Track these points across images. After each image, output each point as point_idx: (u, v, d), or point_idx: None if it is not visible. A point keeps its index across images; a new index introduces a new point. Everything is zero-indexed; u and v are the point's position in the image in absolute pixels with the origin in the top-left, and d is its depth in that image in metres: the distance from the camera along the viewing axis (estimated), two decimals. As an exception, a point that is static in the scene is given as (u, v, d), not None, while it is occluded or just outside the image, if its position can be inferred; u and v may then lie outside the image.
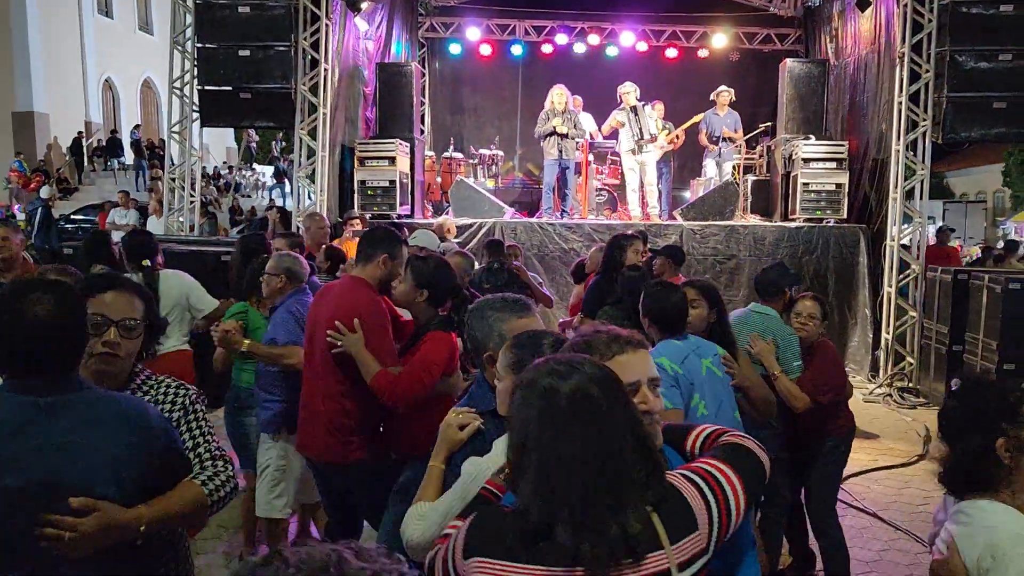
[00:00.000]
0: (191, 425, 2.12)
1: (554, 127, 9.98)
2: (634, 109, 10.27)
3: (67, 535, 1.70)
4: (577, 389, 1.48)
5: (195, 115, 9.51)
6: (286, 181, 25.86)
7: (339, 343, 3.22)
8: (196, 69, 9.30)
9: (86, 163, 24.83)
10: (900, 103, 8.73)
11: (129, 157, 24.79)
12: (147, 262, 4.73)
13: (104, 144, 25.31)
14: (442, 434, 2.17)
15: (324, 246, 6.17)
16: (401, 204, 10.04)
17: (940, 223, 28.11)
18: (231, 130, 30.42)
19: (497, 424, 2.09)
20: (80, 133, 24.47)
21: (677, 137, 11.28)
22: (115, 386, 2.07)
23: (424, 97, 13.57)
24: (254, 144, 27.23)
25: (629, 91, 10.33)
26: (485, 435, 2.12)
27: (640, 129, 10.24)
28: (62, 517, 1.70)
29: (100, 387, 1.93)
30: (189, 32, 9.44)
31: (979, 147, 30.77)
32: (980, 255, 19.83)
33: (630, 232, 5.69)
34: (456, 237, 8.98)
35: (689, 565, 1.49)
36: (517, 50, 13.90)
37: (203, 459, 2.07)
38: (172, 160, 10.10)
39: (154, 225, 11.54)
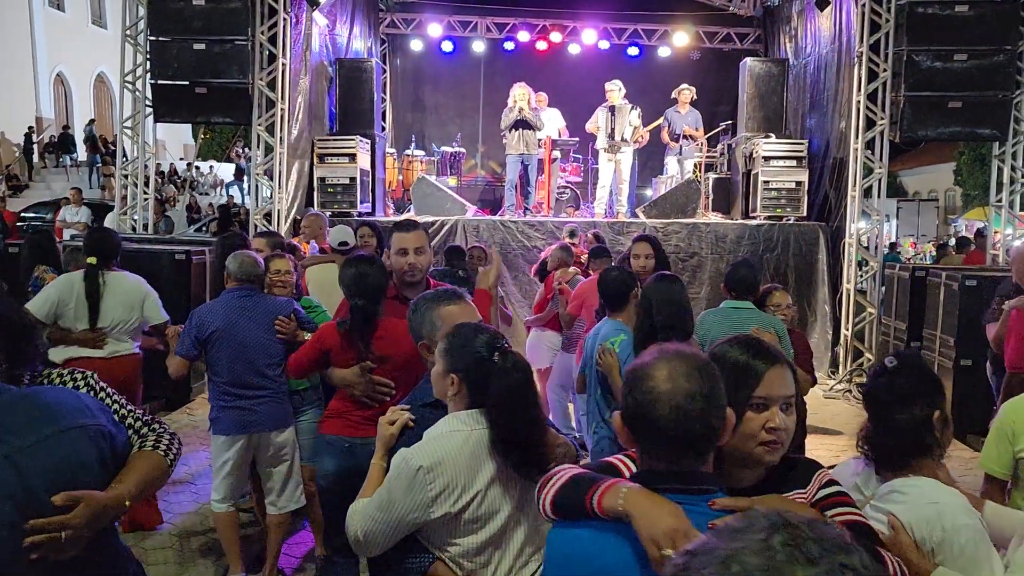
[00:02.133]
0: (107, 400, 2.06)
1: (519, 116, 10.00)
2: (612, 108, 10.27)
3: (63, 534, 1.66)
4: None
5: (148, 110, 9.27)
6: (244, 178, 25.52)
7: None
8: (149, 63, 9.06)
9: (36, 159, 24.15)
10: (858, 102, 8.82)
11: (82, 153, 24.18)
12: (93, 259, 4.56)
13: (56, 140, 24.65)
14: (378, 432, 2.30)
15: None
16: (362, 201, 9.91)
17: (894, 221, 28.73)
18: (188, 126, 29.88)
19: (435, 414, 2.20)
20: (30, 128, 23.79)
21: (642, 136, 11.30)
22: None
23: (385, 94, 13.42)
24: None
25: (613, 89, 10.35)
26: (420, 427, 2.21)
27: (612, 130, 10.25)
28: (49, 520, 1.65)
29: None
30: (142, 25, 9.19)
31: (931, 146, 31.49)
32: (935, 252, 20.25)
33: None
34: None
35: None
36: (479, 47, 13.81)
37: (137, 428, 2.05)
38: (125, 156, 9.82)
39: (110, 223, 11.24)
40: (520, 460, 2.09)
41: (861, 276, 9.07)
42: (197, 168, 26.45)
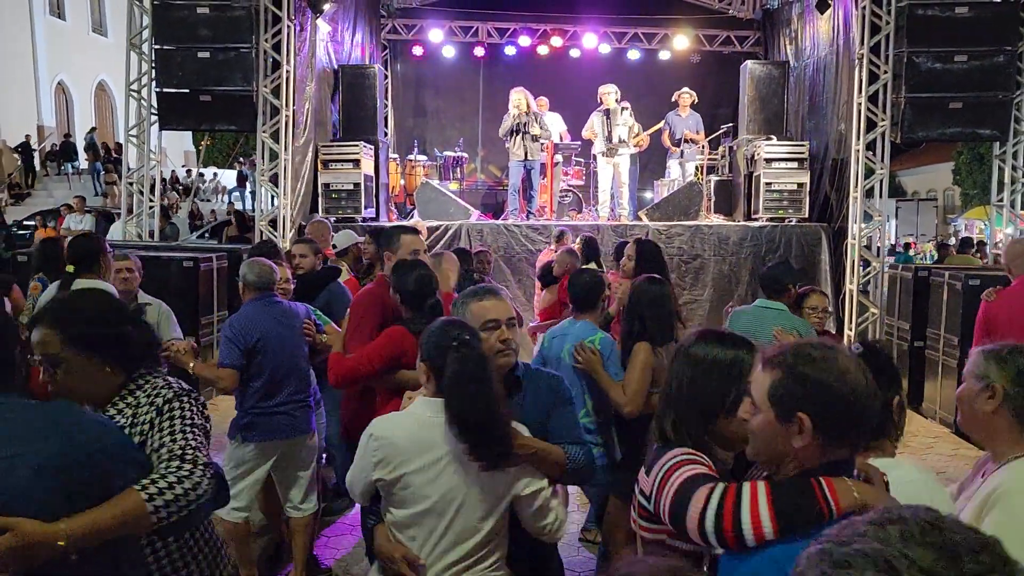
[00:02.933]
0: (162, 425, 2.03)
1: (517, 122, 10.04)
2: (607, 112, 10.32)
3: None
4: None
5: (153, 118, 9.32)
6: (247, 184, 25.60)
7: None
8: (154, 71, 9.11)
9: (38, 168, 24.20)
10: (859, 103, 8.87)
11: (83, 161, 24.23)
12: (71, 267, 4.30)
13: (57, 148, 24.70)
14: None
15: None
16: (366, 207, 9.96)
17: (894, 221, 28.76)
18: (189, 133, 29.91)
19: None
20: (27, 136, 23.82)
21: (642, 140, 11.35)
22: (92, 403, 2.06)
23: (387, 99, 13.48)
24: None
25: (609, 92, 10.39)
26: None
27: (609, 133, 10.30)
28: None
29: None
30: (146, 33, 9.25)
31: (930, 146, 31.53)
32: (935, 252, 20.28)
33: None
34: (425, 239, 8.94)
35: None
36: (480, 52, 13.87)
37: (162, 459, 1.96)
38: (130, 165, 9.86)
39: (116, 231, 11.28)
40: (474, 444, 2.18)
41: (863, 276, 9.11)
42: (201, 175, 26.48)
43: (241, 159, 27.41)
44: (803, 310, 4.31)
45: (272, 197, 9.54)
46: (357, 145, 9.97)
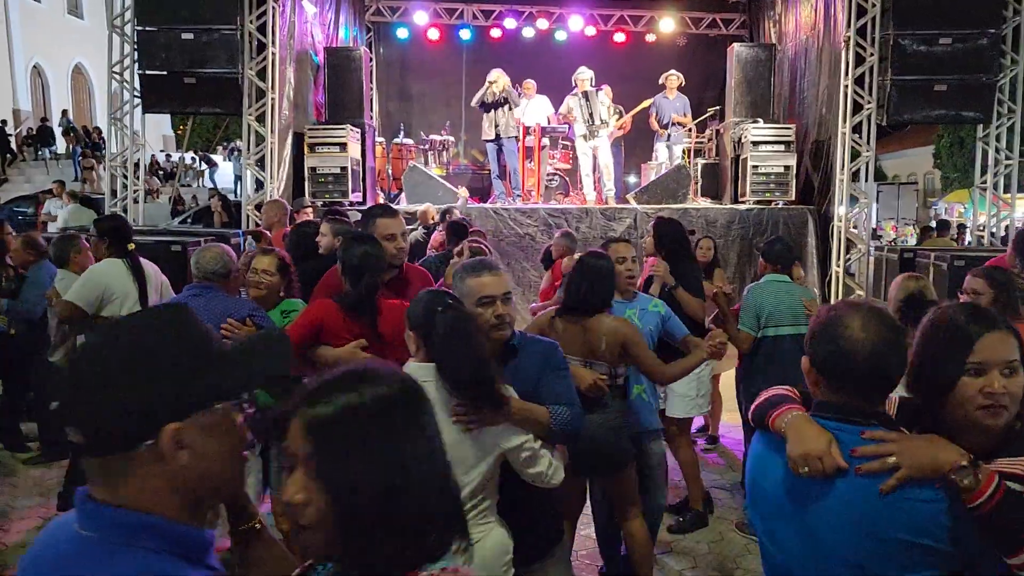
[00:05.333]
0: None
1: (493, 99, 10.10)
2: (585, 95, 10.31)
3: None
4: None
5: (137, 101, 9.20)
6: (216, 167, 25.49)
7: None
8: (136, 53, 8.99)
9: (15, 152, 23.84)
10: (846, 86, 8.91)
11: (61, 145, 23.90)
12: (132, 245, 4.65)
13: (34, 132, 24.33)
14: None
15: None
16: (353, 191, 9.90)
17: (875, 204, 28.98)
18: (167, 117, 29.58)
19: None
20: (3, 121, 23.45)
21: (625, 123, 11.35)
22: None
23: (372, 82, 13.39)
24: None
25: (584, 77, 10.37)
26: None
27: (591, 115, 10.29)
28: None
29: None
30: (128, 15, 9.11)
31: (910, 130, 31.79)
32: (917, 234, 20.44)
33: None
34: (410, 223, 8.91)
35: None
36: (465, 35, 13.79)
37: None
38: (114, 148, 9.73)
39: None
40: (471, 398, 2.31)
41: (849, 258, 9.19)
42: (192, 159, 26.24)
43: (225, 143, 27.17)
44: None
45: (258, 181, 9.45)
46: (344, 128, 9.90)
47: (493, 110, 10.33)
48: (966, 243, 13.47)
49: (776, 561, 1.82)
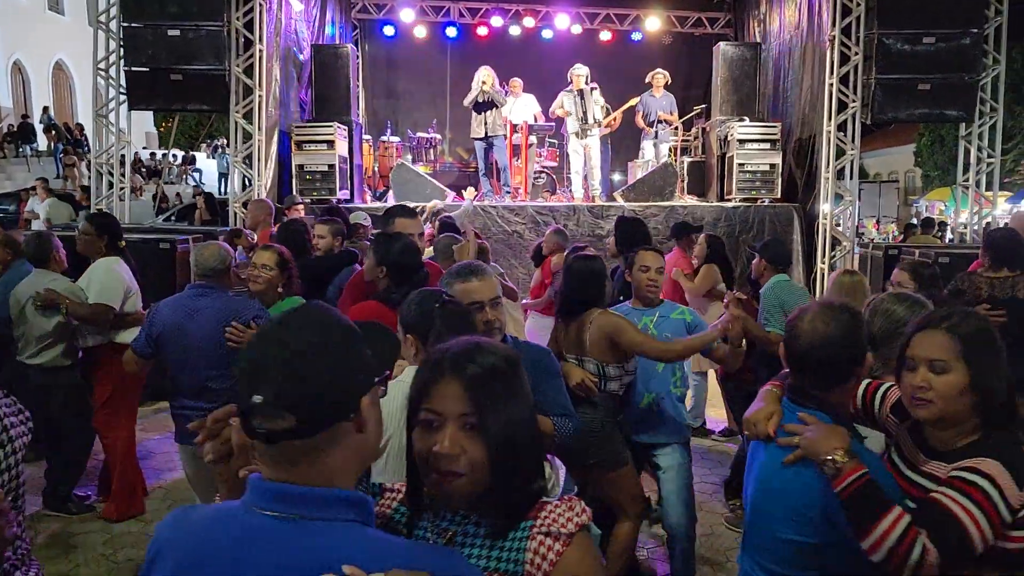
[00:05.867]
0: None
1: (482, 98, 10.08)
2: (580, 92, 10.33)
3: None
4: None
5: (122, 98, 9.14)
6: (194, 164, 25.37)
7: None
8: (122, 50, 8.93)
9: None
10: (831, 85, 9.00)
11: (43, 143, 23.67)
12: (123, 243, 4.74)
13: (15, 129, 24.09)
14: None
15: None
16: (340, 188, 9.88)
17: (857, 202, 29.22)
18: (150, 114, 29.36)
19: None
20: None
21: (615, 120, 11.39)
22: None
23: (358, 80, 13.35)
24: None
25: (580, 74, 10.39)
26: None
27: (584, 113, 10.32)
28: None
29: None
30: (113, 11, 9.05)
31: (892, 129, 32.08)
32: (897, 232, 20.66)
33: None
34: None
35: None
36: (451, 32, 13.78)
37: None
38: (99, 145, 9.66)
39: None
40: None
41: (834, 255, 9.28)
42: (174, 156, 26.04)
43: (208, 140, 27.02)
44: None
45: (246, 179, 9.41)
46: (331, 126, 9.88)
47: (484, 110, 10.32)
48: (947, 240, 13.65)
49: (747, 520, 2.17)
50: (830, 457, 1.82)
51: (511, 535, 1.33)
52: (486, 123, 10.36)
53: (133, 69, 8.85)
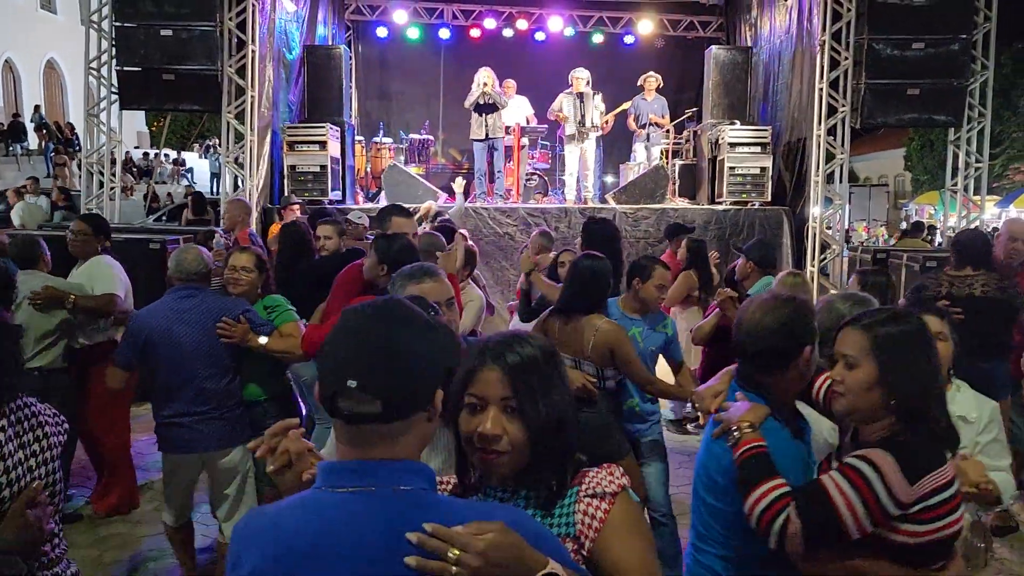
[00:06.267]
0: None
1: (482, 100, 10.03)
2: (580, 95, 10.35)
3: None
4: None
5: (114, 97, 9.12)
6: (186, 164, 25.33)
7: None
8: (114, 49, 8.91)
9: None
10: (820, 89, 9.05)
11: (33, 142, 23.57)
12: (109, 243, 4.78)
13: (5, 128, 23.98)
14: None
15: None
16: (332, 189, 9.88)
17: (847, 206, 29.35)
18: (142, 114, 29.27)
19: None
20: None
21: (607, 122, 11.43)
22: None
23: (351, 81, 13.35)
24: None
25: (581, 77, 10.41)
26: None
27: (583, 117, 10.34)
28: None
29: None
30: (105, 10, 9.03)
31: (882, 133, 32.26)
32: (887, 235, 20.76)
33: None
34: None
35: None
36: (445, 34, 13.80)
37: None
38: (90, 144, 9.64)
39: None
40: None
41: (823, 259, 9.33)
42: (164, 156, 25.95)
43: (200, 140, 26.97)
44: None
45: (236, 179, 9.40)
46: (323, 127, 9.87)
47: (485, 112, 10.26)
48: (936, 244, 13.73)
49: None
50: (735, 429, 2.03)
51: (560, 503, 1.47)
52: (487, 125, 10.30)
53: (125, 69, 8.84)
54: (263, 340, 3.58)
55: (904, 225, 20.17)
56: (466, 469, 1.53)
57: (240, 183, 9.28)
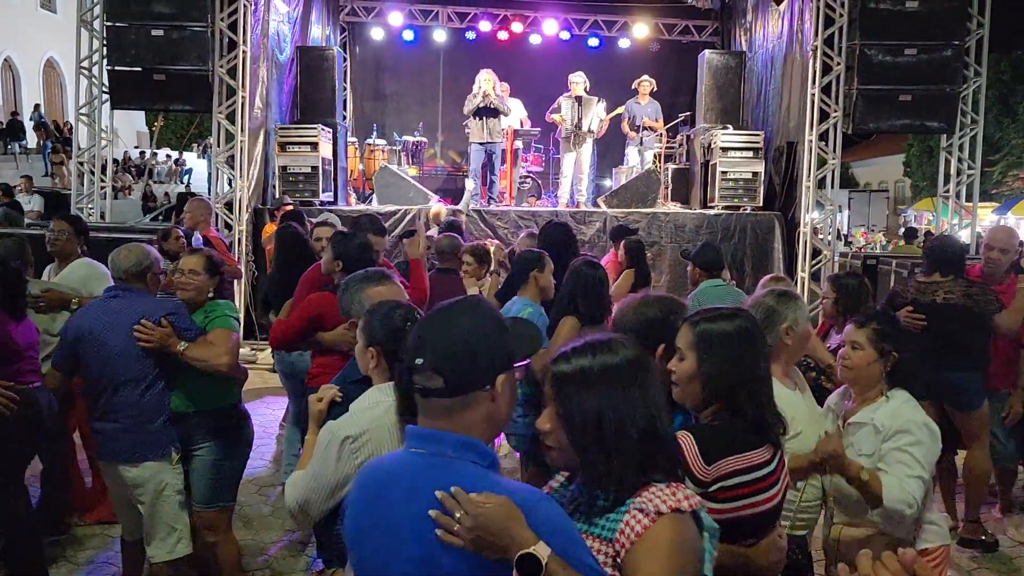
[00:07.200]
0: None
1: (483, 103, 9.98)
2: (578, 99, 10.33)
3: None
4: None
5: (105, 97, 9.12)
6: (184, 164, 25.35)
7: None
8: (106, 49, 8.92)
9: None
10: (813, 94, 9.04)
11: (32, 140, 23.60)
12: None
13: (4, 126, 24.01)
14: (309, 409, 2.45)
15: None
16: (324, 190, 9.88)
17: (846, 211, 29.37)
18: (142, 113, 29.30)
19: (363, 389, 2.33)
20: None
21: (602, 126, 11.42)
22: None
23: (345, 82, 13.35)
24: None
25: (577, 81, 10.39)
26: (347, 402, 2.32)
27: (579, 120, 10.32)
28: None
29: None
30: (97, 10, 9.04)
31: (881, 139, 32.23)
32: (885, 241, 20.74)
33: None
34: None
35: None
36: (440, 36, 13.80)
37: None
38: (80, 144, 9.64)
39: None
40: None
41: (814, 264, 9.32)
42: (159, 155, 25.97)
43: (199, 140, 26.99)
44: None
45: (228, 180, 9.40)
46: (315, 128, 9.88)
47: (486, 116, 10.19)
48: (931, 251, 13.68)
49: None
50: None
51: (616, 510, 1.53)
52: (488, 129, 10.24)
53: (117, 68, 8.84)
54: (182, 346, 3.27)
55: (902, 231, 20.19)
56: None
57: (230, 183, 9.28)
